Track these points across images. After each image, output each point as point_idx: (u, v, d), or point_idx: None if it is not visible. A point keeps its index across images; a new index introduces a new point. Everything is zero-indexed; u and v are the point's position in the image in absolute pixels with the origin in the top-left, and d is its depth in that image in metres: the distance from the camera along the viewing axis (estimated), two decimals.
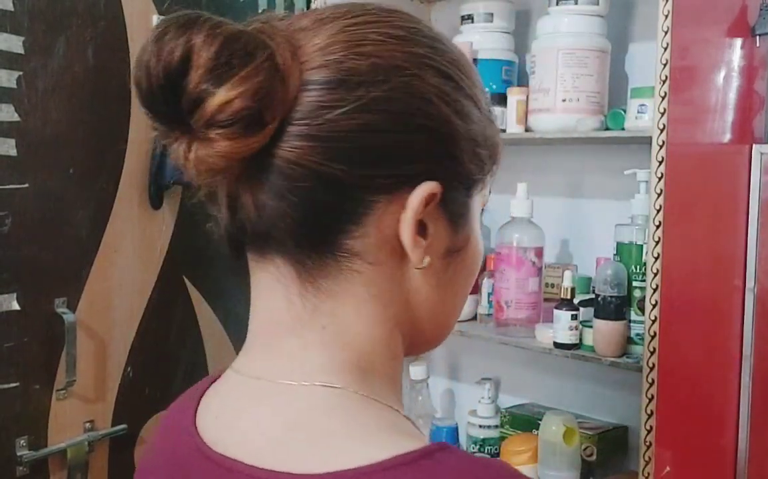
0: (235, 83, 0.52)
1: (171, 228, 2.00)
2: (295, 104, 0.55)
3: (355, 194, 0.56)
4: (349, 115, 0.55)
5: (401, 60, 0.57)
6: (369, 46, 0.57)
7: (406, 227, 0.57)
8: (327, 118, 0.55)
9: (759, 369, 1.57)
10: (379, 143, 0.56)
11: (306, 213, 0.56)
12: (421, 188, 0.57)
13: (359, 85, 0.55)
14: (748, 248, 1.57)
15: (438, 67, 0.59)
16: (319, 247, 0.57)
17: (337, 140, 0.55)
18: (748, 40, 1.58)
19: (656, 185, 1.45)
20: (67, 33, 1.77)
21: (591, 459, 1.76)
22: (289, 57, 0.55)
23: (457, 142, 0.59)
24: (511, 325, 1.79)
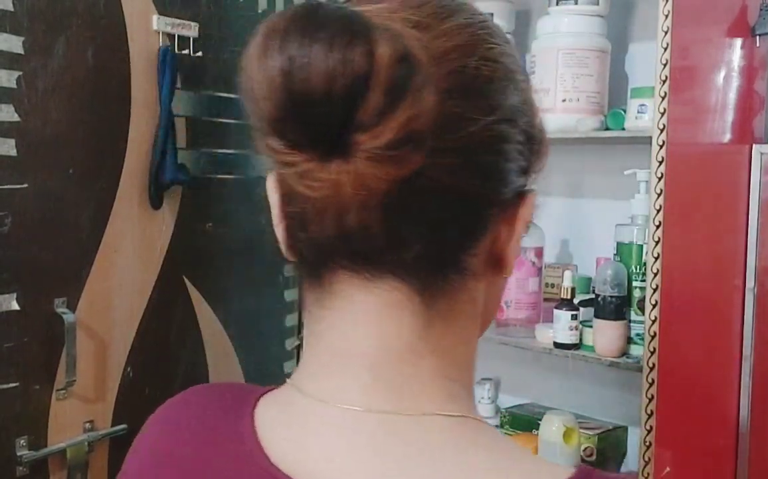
0: (411, 102, 0.46)
1: (171, 228, 1.99)
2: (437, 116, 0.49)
3: (483, 209, 0.53)
4: (488, 126, 0.51)
5: (513, 64, 0.54)
6: (493, 51, 0.52)
7: (515, 242, 0.54)
8: (469, 131, 0.50)
9: (759, 369, 1.57)
10: (507, 156, 0.52)
11: (435, 232, 0.51)
12: (532, 199, 0.55)
13: (495, 95, 0.52)
14: (748, 248, 1.57)
15: (519, 69, 0.56)
16: (443, 267, 0.52)
17: (475, 153, 0.51)
18: (748, 40, 1.58)
19: (656, 185, 1.45)
20: (67, 33, 1.77)
21: (591, 459, 1.76)
22: (427, 60, 0.48)
23: (543, 146, 0.57)
24: (511, 325, 1.79)
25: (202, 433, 0.56)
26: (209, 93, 2.04)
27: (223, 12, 2.03)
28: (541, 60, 1.76)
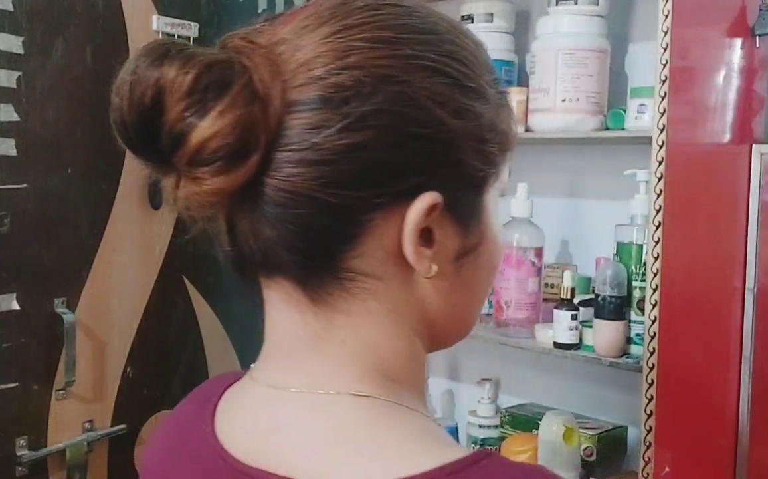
0: (212, 119, 0.50)
1: (171, 228, 2.00)
2: (280, 129, 0.52)
3: (349, 215, 0.54)
4: (336, 136, 0.52)
5: (389, 67, 0.53)
6: (353, 57, 0.53)
7: (406, 241, 0.54)
8: (314, 142, 0.52)
9: (759, 369, 1.57)
10: (370, 162, 0.53)
11: (302, 238, 0.54)
12: (418, 202, 0.54)
13: (345, 102, 0.52)
14: (748, 248, 1.57)
15: (431, 66, 0.55)
16: (320, 268, 0.55)
17: (325, 164, 0.52)
18: (748, 40, 1.58)
19: (656, 185, 1.45)
20: (66, 33, 1.77)
21: (591, 459, 1.76)
22: (269, 79, 0.52)
23: (456, 144, 0.56)
24: (510, 325, 1.79)
25: (178, 432, 0.64)
26: None
27: (223, 12, 2.03)
28: (541, 60, 1.76)
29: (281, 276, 0.56)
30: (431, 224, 0.55)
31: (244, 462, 0.55)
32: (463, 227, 0.58)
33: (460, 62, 0.57)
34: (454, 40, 0.58)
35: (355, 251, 0.55)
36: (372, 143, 0.52)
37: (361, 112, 0.52)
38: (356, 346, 0.56)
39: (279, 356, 0.58)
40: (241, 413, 0.59)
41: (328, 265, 0.55)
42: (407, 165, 0.54)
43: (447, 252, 0.57)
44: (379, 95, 0.53)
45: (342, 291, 0.56)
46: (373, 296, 0.56)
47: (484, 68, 0.59)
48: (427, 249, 0.55)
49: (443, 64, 0.56)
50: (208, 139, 0.50)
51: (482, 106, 0.58)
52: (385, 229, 0.54)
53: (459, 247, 0.58)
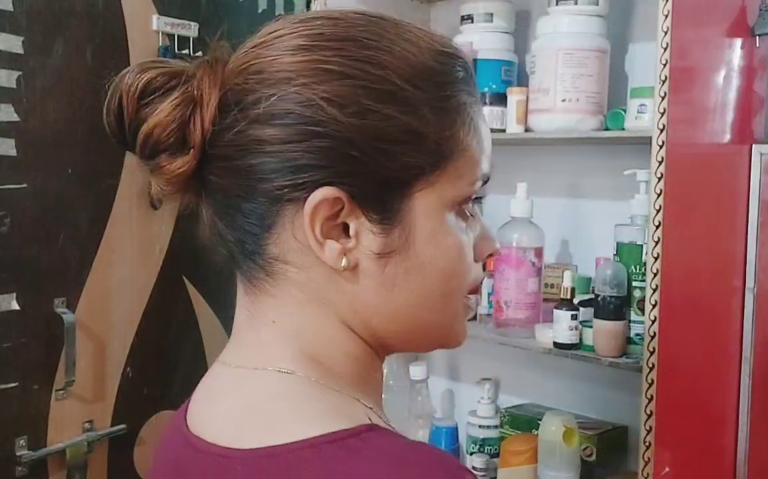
0: (157, 114, 0.60)
1: (171, 228, 1.99)
2: (214, 129, 0.61)
3: (262, 205, 0.61)
4: (241, 133, 0.60)
5: (290, 71, 0.60)
6: (262, 63, 0.61)
7: (307, 232, 0.60)
8: (226, 139, 0.61)
9: (759, 369, 1.57)
10: (270, 156, 0.59)
11: (231, 226, 0.63)
12: (313, 196, 0.59)
13: (251, 104, 0.60)
14: (748, 248, 1.57)
15: (335, 70, 0.59)
16: (248, 256, 0.63)
17: (235, 158, 0.60)
18: (748, 40, 1.58)
19: (656, 185, 1.45)
20: (66, 33, 1.77)
21: (591, 459, 1.76)
22: (209, 85, 0.61)
23: (354, 143, 0.59)
24: (510, 325, 1.79)
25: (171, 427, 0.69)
26: None
27: (223, 12, 2.03)
28: (540, 60, 1.76)
29: (232, 259, 0.65)
30: (348, 220, 0.60)
31: (191, 431, 0.63)
32: (383, 226, 0.61)
33: (376, 67, 0.60)
34: (381, 48, 0.61)
35: (271, 238, 0.62)
36: (271, 139, 0.59)
37: (259, 111, 0.59)
38: (285, 327, 0.63)
39: (233, 338, 0.67)
40: (201, 390, 0.68)
41: (254, 252, 0.63)
42: (304, 160, 0.59)
43: (367, 249, 0.61)
44: (277, 96, 0.59)
45: (267, 276, 0.63)
46: (295, 284, 0.62)
47: (422, 77, 0.62)
48: (335, 242, 0.60)
49: (351, 69, 0.60)
50: (149, 133, 0.60)
51: (399, 109, 0.60)
52: (295, 220, 0.61)
53: (380, 245, 0.61)
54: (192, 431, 0.63)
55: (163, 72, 0.61)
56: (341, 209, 0.60)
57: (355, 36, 0.61)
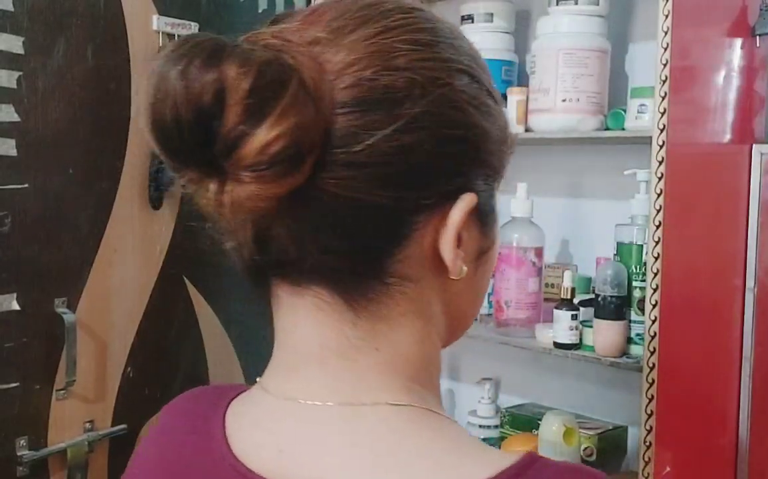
0: (273, 122, 0.48)
1: (171, 228, 2.00)
2: (331, 130, 0.51)
3: (398, 217, 0.53)
4: (388, 137, 0.51)
5: (433, 69, 0.54)
6: (401, 58, 0.53)
7: (447, 243, 0.55)
8: (367, 144, 0.51)
9: (759, 369, 1.57)
10: (420, 163, 0.53)
11: (347, 242, 0.53)
12: (462, 202, 0.55)
13: (397, 104, 0.52)
14: (748, 248, 1.57)
15: (463, 69, 0.56)
16: (364, 274, 0.54)
17: (378, 166, 0.52)
18: (748, 40, 1.58)
19: (656, 185, 1.45)
20: (66, 33, 1.77)
21: (591, 459, 1.76)
22: (318, 78, 0.50)
23: (486, 145, 0.57)
24: (511, 325, 1.79)
25: (182, 438, 0.61)
26: None
27: (223, 12, 2.03)
28: (541, 60, 1.76)
29: (317, 284, 0.54)
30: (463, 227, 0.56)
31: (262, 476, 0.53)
32: (484, 228, 0.59)
33: (479, 64, 0.58)
34: (470, 44, 0.59)
35: (400, 254, 0.54)
36: (421, 145, 0.53)
37: (412, 114, 0.52)
38: (389, 354, 0.55)
39: (302, 368, 0.56)
40: (256, 428, 0.56)
41: (375, 269, 0.54)
42: (451, 166, 0.55)
43: (471, 253, 0.58)
44: (427, 97, 0.53)
45: (384, 297, 0.55)
46: (408, 299, 0.56)
47: (488, 69, 0.60)
48: (460, 250, 0.56)
49: (470, 68, 0.57)
50: (269, 143, 0.48)
51: (496, 108, 0.59)
52: (425, 231, 0.55)
53: (479, 247, 0.59)
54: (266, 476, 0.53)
55: (266, 61, 0.48)
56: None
57: (458, 33, 0.58)
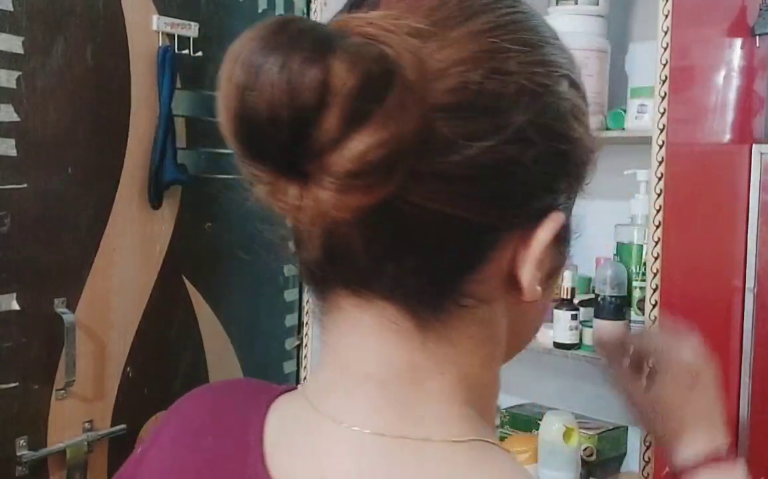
0: (375, 128, 0.42)
1: (171, 228, 1.99)
2: (426, 137, 0.44)
3: (484, 235, 0.48)
4: (492, 149, 0.45)
5: (543, 75, 0.48)
6: (512, 62, 0.47)
7: (529, 264, 0.49)
8: (467, 155, 0.45)
9: (759, 369, 1.57)
10: (519, 178, 0.47)
11: (426, 257, 0.47)
12: (551, 222, 0.49)
13: (504, 112, 0.46)
14: (748, 248, 1.57)
15: (567, 75, 0.50)
16: (439, 293, 0.49)
17: (474, 179, 0.46)
18: (748, 40, 1.58)
19: (656, 185, 1.45)
20: (66, 33, 1.77)
21: (591, 459, 1.76)
22: (420, 77, 0.43)
23: (585, 161, 0.52)
24: None
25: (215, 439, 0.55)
26: (209, 93, 2.04)
27: (223, 12, 2.03)
28: None
29: (382, 298, 0.49)
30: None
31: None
32: (562, 246, 0.53)
33: (576, 68, 0.52)
34: (565, 46, 0.53)
35: (480, 274, 0.49)
36: (523, 158, 0.47)
37: (518, 124, 0.46)
38: (454, 378, 0.50)
39: (359, 390, 0.50)
40: (299, 450, 0.51)
41: (450, 289, 0.49)
42: (547, 183, 0.49)
43: (545, 273, 0.52)
44: (535, 106, 0.47)
45: (456, 319, 0.49)
46: (479, 321, 0.50)
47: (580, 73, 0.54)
48: (537, 272, 0.50)
49: (570, 71, 0.51)
50: (367, 151, 0.42)
51: (588, 113, 0.54)
52: (506, 250, 0.49)
53: (553, 267, 0.53)
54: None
55: (373, 58, 0.42)
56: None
57: (555, 33, 0.52)
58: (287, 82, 0.41)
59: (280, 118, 0.42)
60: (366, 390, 0.50)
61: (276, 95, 0.41)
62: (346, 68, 0.41)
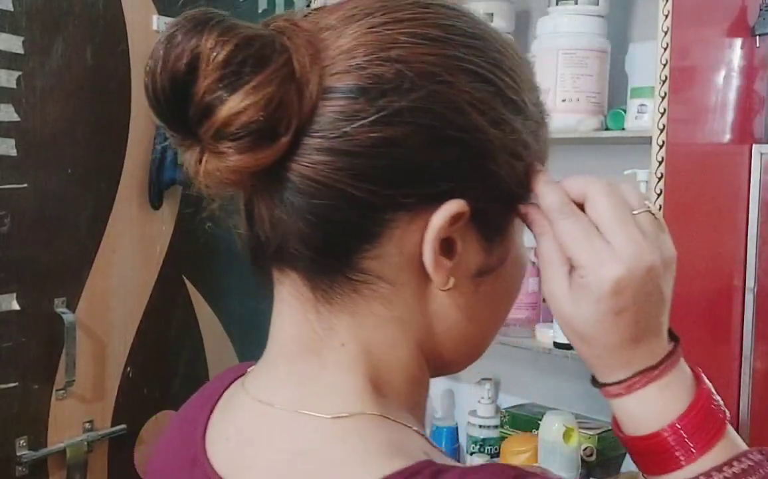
0: (245, 93, 0.48)
1: (171, 228, 2.00)
2: (314, 115, 0.50)
3: (373, 212, 0.52)
4: (369, 127, 0.50)
5: (431, 65, 0.52)
6: (397, 50, 0.51)
7: (427, 248, 0.52)
8: (345, 131, 0.50)
9: (759, 369, 1.57)
10: (402, 159, 0.51)
11: (320, 230, 0.52)
12: (444, 208, 0.52)
13: (382, 95, 0.50)
14: (748, 248, 1.57)
15: (475, 71, 0.53)
16: (334, 266, 0.53)
17: (355, 156, 0.50)
18: (748, 40, 1.58)
19: (656, 185, 1.45)
20: (66, 33, 1.77)
21: (591, 459, 1.76)
22: (308, 62, 0.50)
23: (491, 155, 0.54)
24: (510, 325, 1.79)
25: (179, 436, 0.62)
26: None
27: None
28: (540, 60, 1.76)
29: (292, 270, 0.55)
30: (454, 235, 0.53)
31: (219, 474, 0.54)
32: (487, 244, 0.56)
33: (504, 73, 0.55)
34: (501, 50, 0.56)
35: (373, 251, 0.53)
36: (406, 140, 0.51)
37: (398, 106, 0.51)
38: (355, 351, 0.54)
39: (276, 362, 0.57)
40: (225, 422, 0.58)
41: (343, 263, 0.53)
42: (439, 168, 0.52)
43: (467, 267, 0.55)
44: (418, 92, 0.51)
45: (352, 292, 0.54)
46: (383, 300, 0.54)
47: (527, 84, 0.57)
48: (447, 260, 0.53)
49: (487, 72, 0.54)
50: (237, 113, 0.48)
51: (522, 122, 0.56)
52: (406, 232, 0.52)
53: (480, 264, 0.56)
54: (218, 472, 0.55)
55: (250, 36, 0.49)
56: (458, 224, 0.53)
57: (479, 33, 0.55)
58: (164, 52, 0.49)
59: (162, 86, 0.49)
60: (279, 366, 0.56)
61: (157, 66, 0.49)
62: (217, 42, 0.48)
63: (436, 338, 0.57)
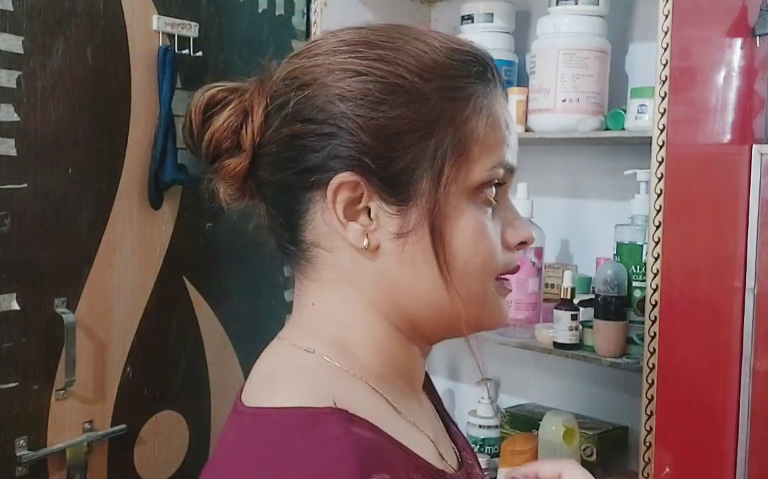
0: (215, 123, 0.71)
1: (171, 228, 1.99)
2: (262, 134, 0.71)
3: (296, 194, 0.70)
4: (276, 130, 0.69)
5: (311, 73, 0.69)
6: (296, 70, 0.70)
7: (330, 215, 0.68)
8: (266, 137, 0.70)
9: (759, 369, 1.57)
10: (298, 148, 0.68)
11: (276, 216, 0.73)
12: (332, 181, 0.67)
13: (282, 106, 0.69)
14: (748, 248, 1.57)
15: (350, 69, 0.68)
16: (290, 241, 0.72)
17: (272, 153, 0.70)
18: (748, 40, 1.58)
19: (656, 185, 1.45)
20: (66, 33, 1.77)
21: (591, 459, 1.76)
22: (258, 96, 0.71)
23: (369, 132, 0.66)
24: (511, 325, 1.79)
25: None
26: None
27: (223, 12, 2.03)
28: (541, 60, 1.76)
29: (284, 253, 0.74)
30: (369, 203, 0.67)
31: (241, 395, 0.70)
32: (399, 208, 0.67)
33: (386, 63, 0.67)
34: (393, 47, 0.68)
35: (306, 224, 0.70)
36: (298, 134, 0.68)
37: (288, 111, 0.69)
38: (322, 310, 0.71)
39: (290, 317, 0.75)
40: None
41: (295, 239, 0.72)
42: (328, 150, 0.67)
43: (385, 229, 0.68)
44: (299, 96, 0.68)
45: (304, 261, 0.72)
46: (327, 265, 0.70)
47: (432, 71, 0.68)
48: (356, 224, 0.68)
49: (363, 67, 0.68)
50: (212, 135, 0.71)
51: (407, 100, 0.67)
52: (323, 205, 0.69)
53: (397, 226, 0.68)
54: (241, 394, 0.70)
55: (223, 89, 0.71)
56: (362, 193, 0.67)
57: (372, 40, 0.69)
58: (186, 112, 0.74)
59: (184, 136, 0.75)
60: (292, 316, 0.75)
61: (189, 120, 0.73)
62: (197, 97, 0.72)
63: (394, 297, 0.69)
